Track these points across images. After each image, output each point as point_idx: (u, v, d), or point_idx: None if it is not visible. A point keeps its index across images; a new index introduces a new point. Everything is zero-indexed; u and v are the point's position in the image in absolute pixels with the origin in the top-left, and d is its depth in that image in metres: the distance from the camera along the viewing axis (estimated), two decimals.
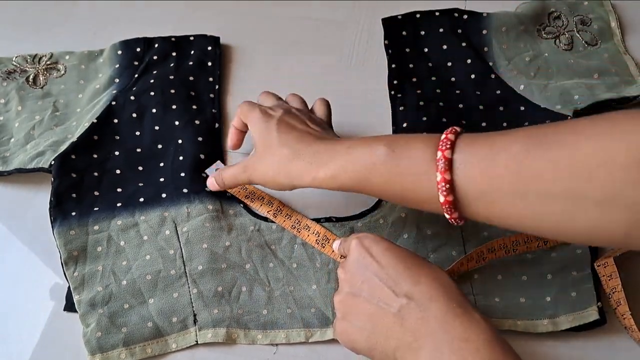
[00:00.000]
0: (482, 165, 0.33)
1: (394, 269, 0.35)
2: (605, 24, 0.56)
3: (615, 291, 0.43)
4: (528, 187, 0.31)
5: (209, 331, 0.44)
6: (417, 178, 0.35)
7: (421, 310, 0.34)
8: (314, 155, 0.39)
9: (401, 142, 0.37)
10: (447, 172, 0.34)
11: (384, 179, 0.36)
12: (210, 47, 0.57)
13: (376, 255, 0.37)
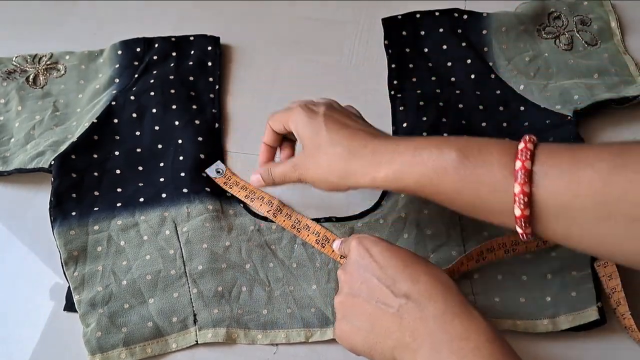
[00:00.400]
0: (564, 180, 0.31)
1: (393, 269, 0.35)
2: (605, 24, 0.56)
3: (615, 291, 0.42)
4: (613, 208, 0.29)
5: (209, 331, 0.44)
6: (492, 188, 0.33)
7: (420, 309, 0.33)
8: (373, 154, 0.37)
9: (475, 147, 0.35)
10: (527, 185, 0.31)
11: (455, 186, 0.34)
12: (210, 47, 0.56)
13: (375, 255, 0.36)
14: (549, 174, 0.31)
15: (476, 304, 0.43)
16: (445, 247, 0.45)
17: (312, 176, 0.41)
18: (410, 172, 0.36)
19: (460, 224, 0.46)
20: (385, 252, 0.36)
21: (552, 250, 0.45)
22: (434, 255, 0.45)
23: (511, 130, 0.50)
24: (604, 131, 0.51)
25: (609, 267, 0.43)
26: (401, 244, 0.45)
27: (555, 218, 0.31)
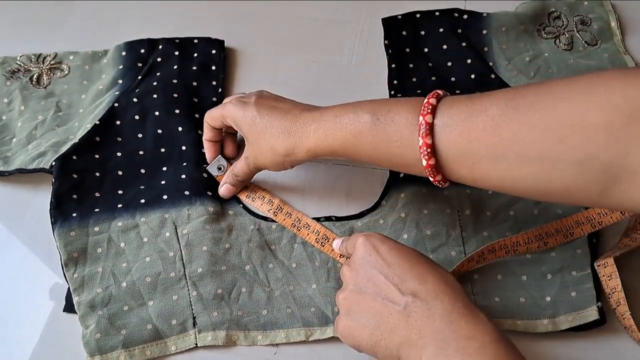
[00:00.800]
0: (460, 128, 0.33)
1: (401, 268, 0.35)
2: (605, 24, 0.55)
3: (615, 291, 0.42)
4: (505, 149, 0.32)
5: (209, 334, 0.43)
6: (401, 143, 0.36)
7: (427, 308, 0.33)
8: (303, 127, 0.40)
9: (385, 108, 0.37)
10: (428, 137, 0.34)
11: (372, 146, 0.37)
12: (215, 51, 0.56)
13: (383, 253, 0.36)
14: (447, 125, 0.34)
15: (476, 304, 0.42)
16: (444, 247, 0.45)
17: (263, 162, 0.43)
18: (334, 137, 0.39)
19: (460, 224, 0.46)
20: (392, 251, 0.36)
21: (552, 251, 0.44)
22: (434, 256, 0.45)
23: None
24: None
25: (609, 267, 0.42)
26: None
27: (457, 164, 0.34)
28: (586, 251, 0.44)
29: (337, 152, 0.39)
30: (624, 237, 0.45)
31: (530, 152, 0.31)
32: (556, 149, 0.30)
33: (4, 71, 0.56)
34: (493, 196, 0.46)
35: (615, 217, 0.42)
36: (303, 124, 0.40)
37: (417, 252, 0.37)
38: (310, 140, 0.40)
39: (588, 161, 0.29)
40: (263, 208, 0.48)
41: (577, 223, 0.44)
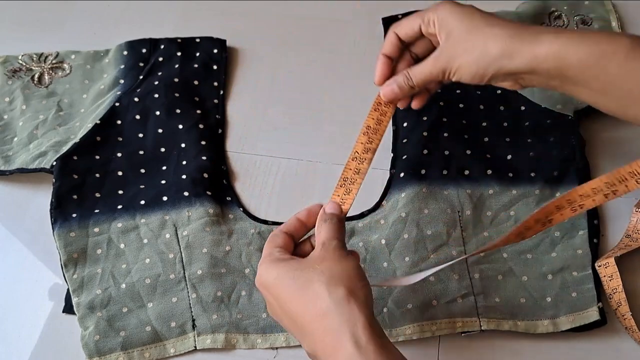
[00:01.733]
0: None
1: (287, 319, 0.35)
2: (606, 24, 0.54)
3: (616, 292, 0.41)
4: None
5: (208, 337, 0.43)
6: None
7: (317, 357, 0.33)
8: (535, 33, 0.36)
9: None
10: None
11: (620, 72, 0.34)
12: (216, 50, 0.55)
13: (271, 302, 0.36)
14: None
15: (476, 304, 0.42)
16: (445, 247, 0.44)
17: (461, 62, 0.38)
18: (575, 50, 0.35)
19: (460, 224, 0.45)
20: (278, 301, 0.35)
21: (552, 251, 0.44)
22: (434, 256, 0.44)
23: (511, 130, 0.49)
24: (604, 131, 0.50)
25: (610, 267, 0.42)
26: (401, 244, 0.44)
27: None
28: (587, 251, 0.44)
29: (569, 72, 0.35)
30: (625, 237, 0.44)
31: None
32: None
33: (5, 70, 0.55)
34: (493, 196, 0.46)
35: (599, 200, 0.38)
36: (537, 31, 0.36)
37: (300, 290, 0.34)
38: (542, 48, 0.35)
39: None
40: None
41: (558, 208, 0.39)
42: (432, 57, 0.39)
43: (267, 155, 0.51)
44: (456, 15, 0.38)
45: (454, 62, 0.38)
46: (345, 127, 0.52)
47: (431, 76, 0.39)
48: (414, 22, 0.40)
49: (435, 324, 0.42)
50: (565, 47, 0.35)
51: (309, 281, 0.34)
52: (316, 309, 0.33)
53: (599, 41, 0.35)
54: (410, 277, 0.40)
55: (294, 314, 0.34)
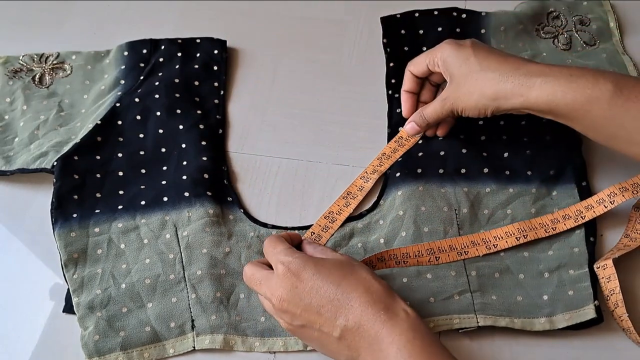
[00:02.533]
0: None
1: (327, 292, 0.35)
2: (604, 24, 0.54)
3: (614, 293, 0.41)
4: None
5: (207, 337, 0.42)
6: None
7: (357, 328, 0.34)
8: (526, 76, 0.40)
9: (630, 82, 0.38)
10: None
11: (605, 115, 0.38)
12: (217, 51, 0.55)
13: (307, 280, 0.36)
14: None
15: (473, 302, 0.42)
16: None
17: (464, 104, 0.42)
18: (563, 96, 0.38)
19: (457, 222, 0.45)
20: (316, 275, 0.36)
21: (549, 249, 0.44)
22: None
23: (508, 130, 0.49)
24: None
25: (608, 269, 0.41)
26: (399, 241, 0.44)
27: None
28: (583, 250, 0.43)
29: (558, 112, 0.39)
30: (624, 237, 0.44)
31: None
32: None
33: (6, 71, 0.55)
34: (490, 194, 0.45)
35: (511, 242, 0.43)
36: (527, 72, 0.40)
37: (338, 264, 0.37)
38: (533, 92, 0.39)
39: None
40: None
41: (473, 243, 0.43)
42: (439, 99, 0.45)
43: (267, 155, 0.51)
44: (455, 60, 0.43)
45: (459, 104, 0.43)
46: (345, 127, 0.52)
47: (441, 115, 0.45)
48: (422, 61, 0.46)
49: (433, 321, 0.42)
50: (553, 95, 0.39)
51: (355, 267, 0.37)
52: (366, 285, 0.35)
53: (585, 86, 0.38)
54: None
55: (336, 285, 0.35)
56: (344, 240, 0.45)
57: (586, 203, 0.44)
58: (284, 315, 0.37)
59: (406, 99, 0.48)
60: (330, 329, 0.35)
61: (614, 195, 0.43)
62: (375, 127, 0.51)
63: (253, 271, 0.38)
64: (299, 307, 0.36)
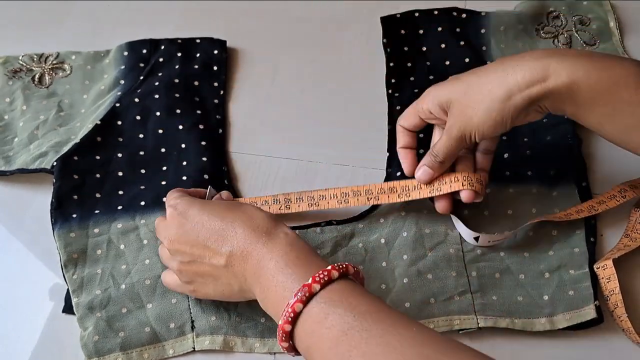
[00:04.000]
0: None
1: (211, 224, 0.37)
2: (604, 24, 0.54)
3: (613, 294, 0.41)
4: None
5: (207, 338, 0.42)
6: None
7: (241, 253, 0.36)
8: (537, 60, 0.35)
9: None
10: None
11: (631, 101, 0.33)
12: (217, 51, 0.54)
13: (193, 217, 0.37)
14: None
15: (474, 302, 0.42)
16: (443, 245, 0.44)
17: (476, 123, 0.37)
18: (586, 76, 0.34)
19: None
20: (202, 211, 0.37)
21: (549, 250, 0.43)
22: (432, 253, 0.43)
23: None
24: None
25: (608, 269, 0.41)
26: (400, 242, 0.44)
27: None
28: (584, 250, 0.43)
29: (579, 97, 0.34)
30: (624, 237, 0.44)
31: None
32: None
33: (6, 71, 0.55)
34: (491, 195, 0.45)
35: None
36: (536, 57, 0.35)
37: (221, 203, 0.39)
38: (550, 75, 0.34)
39: None
40: (274, 209, 0.45)
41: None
42: (445, 132, 0.39)
43: (267, 156, 0.50)
44: (446, 90, 0.39)
45: (469, 127, 0.38)
46: (345, 127, 0.51)
47: (453, 148, 0.39)
48: (411, 114, 0.42)
49: (433, 322, 0.41)
50: (575, 71, 0.34)
51: (240, 204, 0.39)
52: (249, 214, 0.37)
53: (610, 66, 0.34)
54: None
55: (220, 218, 0.37)
56: (345, 240, 0.45)
57: (597, 199, 0.43)
58: (176, 255, 0.38)
59: (404, 155, 0.44)
60: (218, 259, 0.36)
61: (625, 191, 0.43)
62: (375, 126, 0.51)
63: (158, 222, 0.40)
64: (187, 244, 0.37)
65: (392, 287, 0.43)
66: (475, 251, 0.43)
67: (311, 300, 0.32)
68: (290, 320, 0.32)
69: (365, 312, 0.31)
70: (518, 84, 0.35)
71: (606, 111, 0.35)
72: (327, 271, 0.33)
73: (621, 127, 0.35)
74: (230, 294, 0.38)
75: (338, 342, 0.30)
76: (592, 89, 0.34)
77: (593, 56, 0.35)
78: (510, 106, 0.36)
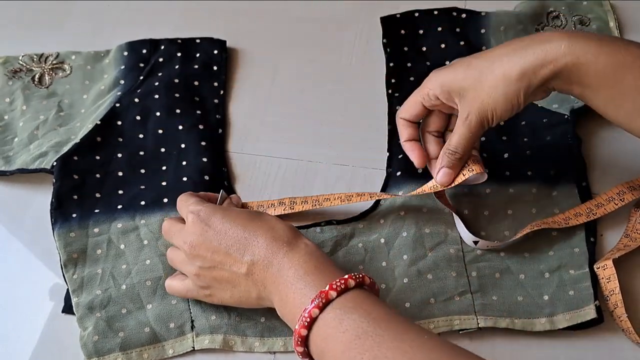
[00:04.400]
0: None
1: (234, 232, 0.37)
2: (603, 24, 0.54)
3: (613, 294, 0.41)
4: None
5: (206, 337, 0.42)
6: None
7: (263, 264, 0.36)
8: (548, 42, 0.35)
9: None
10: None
11: (637, 85, 0.34)
12: (217, 51, 0.54)
13: (216, 225, 0.38)
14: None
15: (474, 302, 0.42)
16: (443, 245, 0.43)
17: (493, 105, 0.37)
18: (595, 60, 0.34)
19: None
20: (224, 220, 0.38)
21: (549, 250, 0.43)
22: (432, 253, 0.43)
23: (508, 129, 0.48)
24: (601, 130, 0.49)
25: (608, 269, 0.41)
26: (400, 242, 0.44)
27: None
28: (584, 250, 0.43)
29: (587, 79, 0.35)
30: (624, 237, 0.43)
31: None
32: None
33: (6, 71, 0.54)
34: (490, 195, 0.45)
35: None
36: (546, 39, 0.35)
37: (246, 213, 0.39)
38: (560, 56, 0.34)
39: None
40: (278, 211, 0.45)
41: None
42: (461, 120, 0.39)
43: (267, 156, 0.50)
44: (456, 77, 0.38)
45: (486, 110, 0.37)
46: (345, 127, 0.51)
47: (473, 136, 0.39)
48: (414, 103, 0.41)
49: (433, 322, 0.41)
50: (584, 54, 0.34)
51: (261, 213, 0.39)
52: (271, 224, 0.38)
53: (617, 50, 0.34)
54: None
55: (242, 227, 0.37)
56: (345, 240, 0.45)
57: (596, 201, 0.43)
58: (195, 260, 0.38)
59: (410, 148, 0.42)
60: (239, 267, 0.37)
61: (623, 194, 0.43)
62: (375, 126, 0.51)
63: (169, 225, 0.40)
64: (209, 250, 0.37)
65: (392, 287, 0.43)
66: (475, 251, 0.43)
67: (327, 306, 0.33)
68: (307, 324, 0.33)
69: (378, 318, 0.32)
70: (532, 65, 0.35)
71: (611, 94, 0.35)
72: (344, 279, 0.34)
73: (625, 111, 0.35)
74: (247, 301, 0.38)
75: (351, 345, 0.31)
76: (599, 72, 0.34)
77: (602, 40, 0.35)
78: (525, 87, 0.36)
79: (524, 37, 0.37)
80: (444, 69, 0.40)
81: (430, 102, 0.40)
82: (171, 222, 0.41)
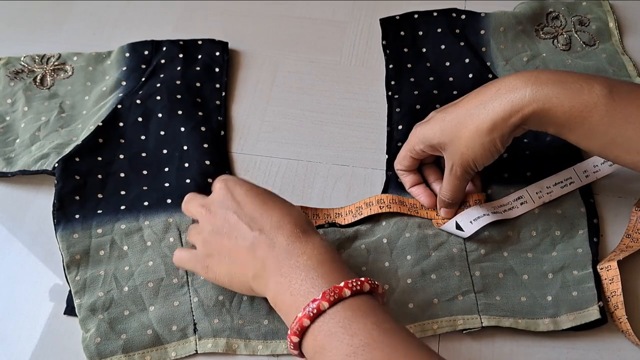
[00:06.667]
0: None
1: (252, 206, 0.37)
2: (603, 24, 0.53)
3: (615, 295, 0.40)
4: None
5: (209, 341, 0.41)
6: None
7: (269, 239, 0.35)
8: (512, 92, 0.36)
9: (624, 87, 0.36)
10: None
11: (602, 122, 0.35)
12: (218, 53, 0.53)
13: (238, 195, 0.37)
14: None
15: (477, 302, 0.41)
16: (446, 245, 0.43)
17: (473, 157, 0.39)
18: (560, 103, 0.35)
19: None
20: (248, 192, 0.37)
21: (553, 250, 0.42)
22: (436, 253, 0.42)
23: None
24: None
25: (612, 270, 0.40)
26: (403, 242, 0.43)
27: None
28: (587, 250, 0.42)
29: (555, 121, 0.36)
30: (625, 237, 0.43)
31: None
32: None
33: (7, 72, 0.53)
34: (493, 195, 0.44)
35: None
36: (510, 88, 0.36)
37: (270, 193, 0.38)
38: (526, 104, 0.36)
39: None
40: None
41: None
42: (447, 171, 0.41)
43: (267, 156, 0.49)
44: (435, 132, 0.40)
45: (468, 160, 0.39)
46: (345, 127, 0.50)
47: (461, 184, 0.41)
48: (405, 156, 0.44)
49: (437, 322, 0.40)
50: (548, 99, 0.36)
51: (282, 199, 0.38)
52: (288, 209, 0.37)
53: (580, 92, 0.35)
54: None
55: (263, 201, 0.37)
56: (348, 242, 0.44)
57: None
58: (208, 220, 0.37)
59: (417, 192, 0.44)
60: (244, 238, 0.36)
61: None
62: (375, 127, 0.50)
63: (194, 194, 0.40)
64: (227, 209, 0.37)
65: (396, 287, 0.41)
66: (478, 251, 0.42)
67: (338, 303, 0.32)
68: (312, 316, 0.32)
69: (390, 330, 0.31)
70: (500, 116, 0.37)
71: (583, 131, 0.36)
72: (360, 281, 0.33)
73: (598, 144, 0.37)
74: (240, 279, 0.36)
75: (357, 352, 0.30)
76: (565, 114, 0.36)
77: (566, 82, 0.36)
78: (499, 136, 0.38)
79: (490, 84, 0.38)
80: (424, 124, 0.41)
81: (418, 155, 0.43)
82: (195, 193, 0.41)
